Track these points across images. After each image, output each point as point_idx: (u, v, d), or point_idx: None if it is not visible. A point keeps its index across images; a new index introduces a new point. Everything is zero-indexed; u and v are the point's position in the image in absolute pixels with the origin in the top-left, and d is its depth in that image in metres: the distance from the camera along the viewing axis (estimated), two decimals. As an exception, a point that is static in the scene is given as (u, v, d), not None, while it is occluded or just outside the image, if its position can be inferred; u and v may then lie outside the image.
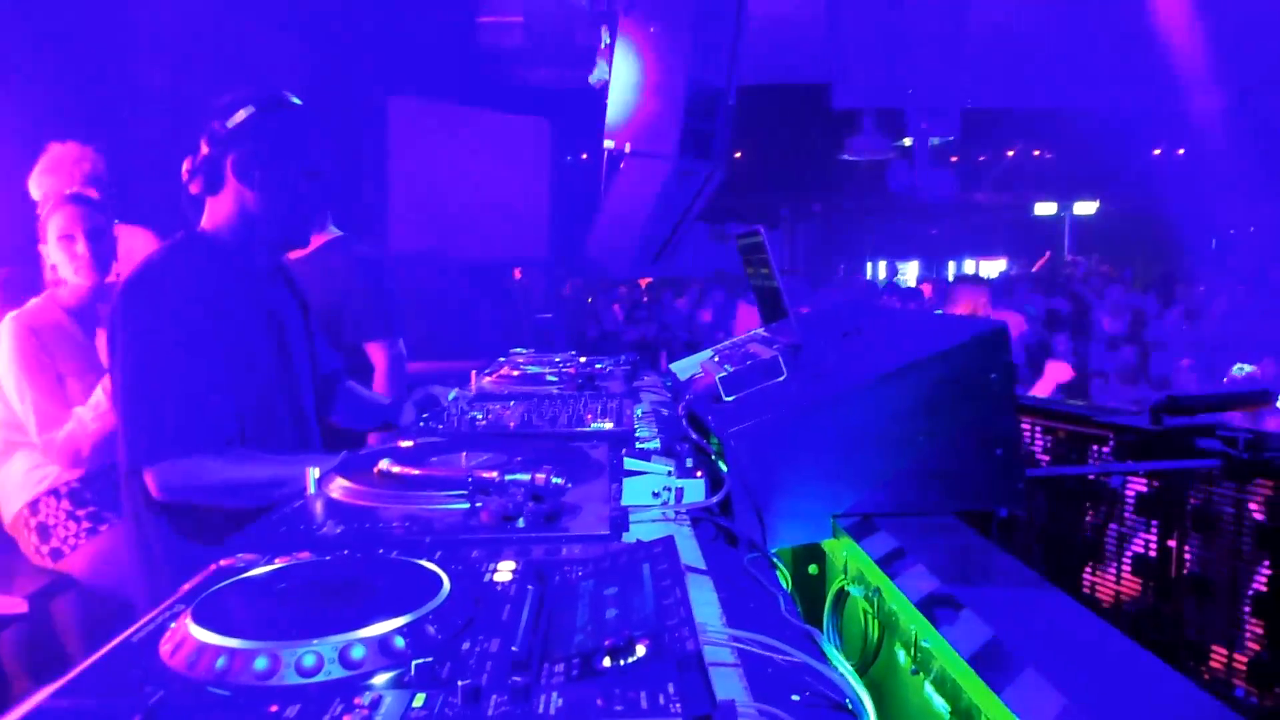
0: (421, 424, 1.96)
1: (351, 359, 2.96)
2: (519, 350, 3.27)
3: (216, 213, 1.95)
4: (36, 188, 3.19)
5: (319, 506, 1.32)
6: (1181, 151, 16.06)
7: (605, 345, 8.36)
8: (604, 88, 9.92)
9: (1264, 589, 1.93)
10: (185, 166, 1.93)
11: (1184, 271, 12.91)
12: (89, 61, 6.22)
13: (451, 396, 2.08)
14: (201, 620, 0.82)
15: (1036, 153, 16.79)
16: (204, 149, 1.90)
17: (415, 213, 9.97)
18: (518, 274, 10.77)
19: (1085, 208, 18.59)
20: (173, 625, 0.86)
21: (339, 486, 1.39)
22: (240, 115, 1.87)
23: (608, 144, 9.97)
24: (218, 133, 1.88)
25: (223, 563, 1.07)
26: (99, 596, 2.88)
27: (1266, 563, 1.93)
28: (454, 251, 8.79)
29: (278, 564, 1.02)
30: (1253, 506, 1.95)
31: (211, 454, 1.77)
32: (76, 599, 2.95)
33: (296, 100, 1.96)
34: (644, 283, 11.10)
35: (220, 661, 0.77)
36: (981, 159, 16.52)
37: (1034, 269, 12.78)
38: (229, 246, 1.94)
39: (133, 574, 1.96)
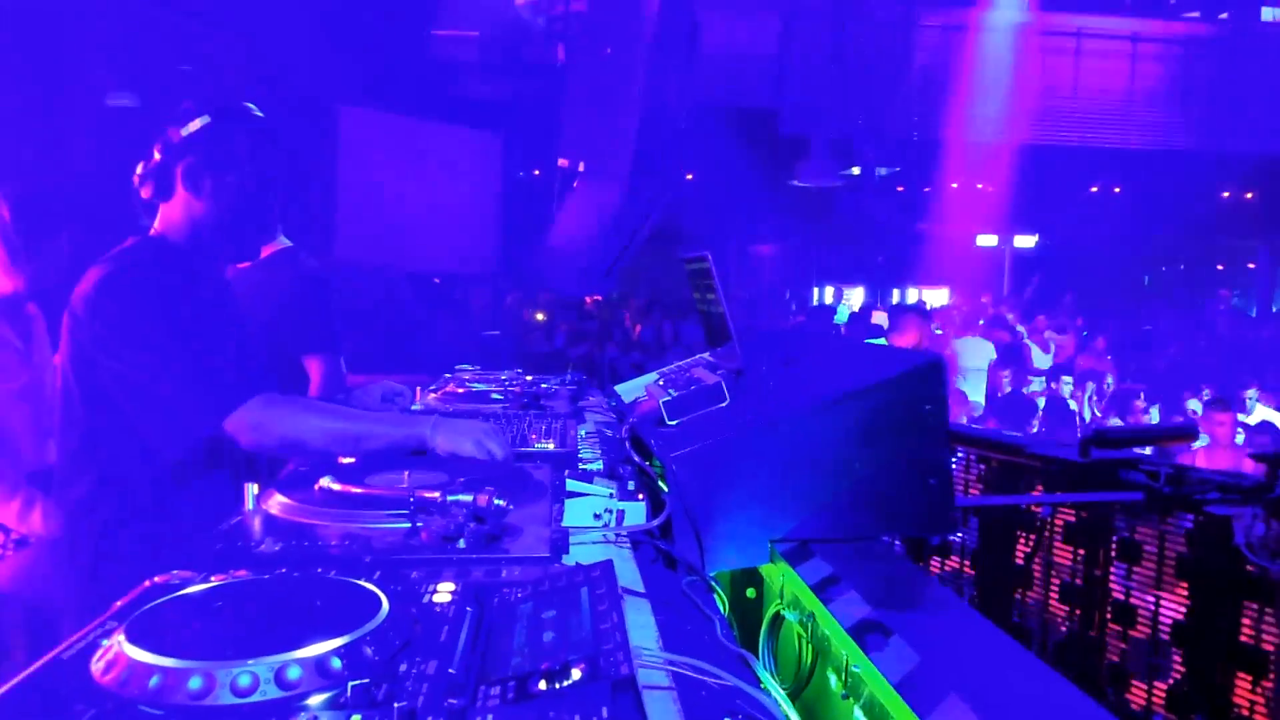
0: None
1: (289, 371, 2.93)
2: (465, 366, 3.27)
3: (167, 219, 1.93)
4: None
5: (257, 523, 1.31)
6: (1118, 190, 16.56)
7: (551, 363, 8.36)
8: (558, 105, 9.96)
9: (1182, 618, 2.00)
10: (137, 171, 1.91)
11: (1119, 305, 13.31)
12: (30, 63, 6.10)
13: (415, 409, 2.08)
14: (135, 638, 0.82)
15: (979, 185, 17.18)
16: (156, 155, 1.88)
17: (364, 224, 9.87)
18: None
19: (1024, 240, 19.07)
20: (105, 643, 0.86)
21: (278, 503, 1.38)
22: (195, 124, 1.86)
23: (561, 162, 10.00)
24: (171, 140, 1.87)
25: (157, 579, 1.06)
26: (24, 611, 2.80)
27: (1186, 592, 2.00)
28: (402, 264, 8.74)
29: (214, 581, 1.01)
30: (1173, 538, 2.02)
31: (279, 394, 1.77)
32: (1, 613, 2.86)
33: (256, 111, 1.95)
34: (591, 301, 11.12)
35: (154, 680, 0.77)
36: (926, 190, 16.85)
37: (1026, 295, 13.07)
38: (180, 252, 1.92)
39: (63, 589, 1.91)
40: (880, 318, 10.12)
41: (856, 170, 13.51)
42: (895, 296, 20.48)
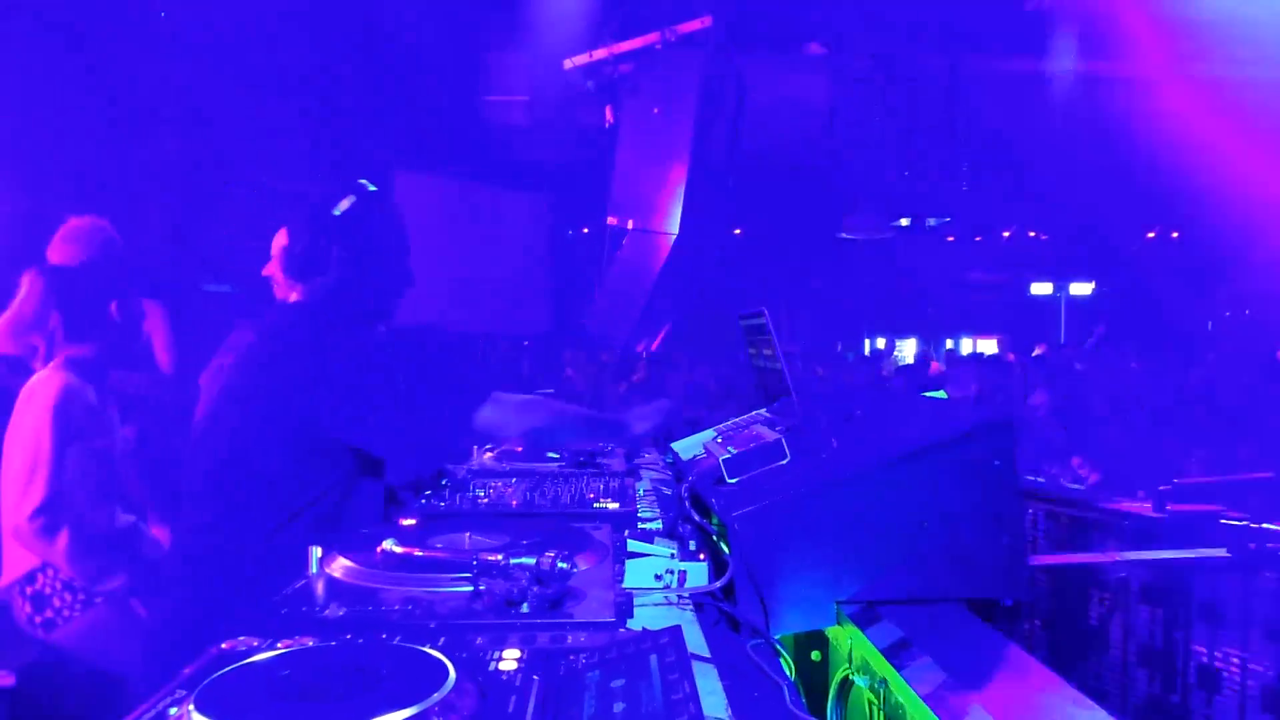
0: (424, 500, 1.96)
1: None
2: None
3: (311, 291, 2.03)
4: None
5: (320, 587, 1.31)
6: (1176, 235, 16.27)
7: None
8: (606, 165, 10.11)
9: (1272, 682, 1.90)
10: (280, 244, 2.02)
11: (1181, 354, 12.96)
12: (102, 134, 6.37)
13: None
14: (205, 708, 0.81)
15: (1032, 234, 17.00)
16: (304, 233, 2.00)
17: (417, 285, 10.04)
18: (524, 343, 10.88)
19: (1081, 288, 18.75)
20: (174, 710, 0.85)
21: (341, 566, 1.38)
22: (344, 204, 2.05)
23: (610, 220, 10.11)
24: (322, 219, 2.00)
25: (224, 646, 1.05)
26: (89, 670, 2.83)
27: (1275, 654, 1.91)
28: (455, 324, 8.88)
29: (280, 649, 1.01)
30: (1260, 597, 1.94)
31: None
32: (65, 673, 2.89)
33: (373, 188, 2.09)
34: (639, 357, 11.17)
35: (223, 753, 0.76)
36: (978, 239, 16.71)
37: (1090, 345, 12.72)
38: (324, 321, 2.02)
39: (126, 649, 1.94)
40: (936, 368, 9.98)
41: (906, 221, 13.46)
42: (948, 346, 20.22)
